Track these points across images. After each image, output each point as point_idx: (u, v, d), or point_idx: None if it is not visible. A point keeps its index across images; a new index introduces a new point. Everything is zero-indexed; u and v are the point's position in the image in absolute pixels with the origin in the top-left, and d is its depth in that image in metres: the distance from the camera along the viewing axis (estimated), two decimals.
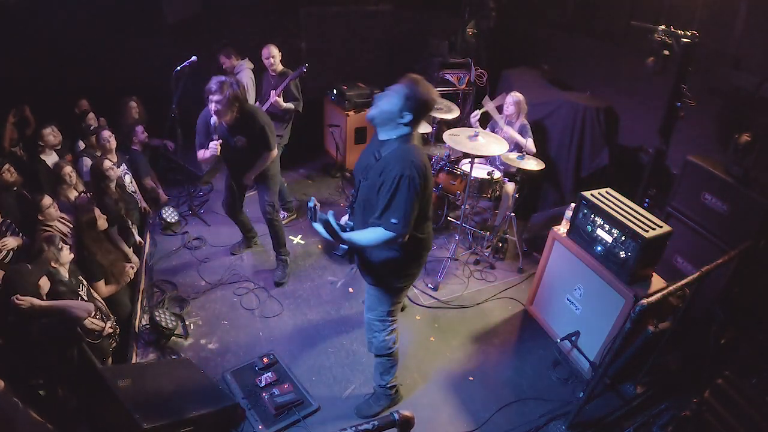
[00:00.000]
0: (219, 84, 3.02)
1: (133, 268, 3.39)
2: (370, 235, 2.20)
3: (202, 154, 3.31)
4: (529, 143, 4.14)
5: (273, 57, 4.29)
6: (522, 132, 4.27)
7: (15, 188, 3.36)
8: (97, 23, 4.72)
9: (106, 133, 4.02)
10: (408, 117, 2.12)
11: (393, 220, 2.11)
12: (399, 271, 2.44)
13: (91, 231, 3.09)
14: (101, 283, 3.11)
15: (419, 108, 2.12)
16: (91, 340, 2.68)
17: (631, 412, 2.92)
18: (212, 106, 3.07)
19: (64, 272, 2.72)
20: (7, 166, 3.29)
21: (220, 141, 3.23)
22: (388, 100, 2.13)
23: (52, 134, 3.95)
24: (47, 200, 3.12)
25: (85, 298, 2.77)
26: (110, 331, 2.84)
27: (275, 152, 3.51)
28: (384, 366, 2.76)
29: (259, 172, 3.53)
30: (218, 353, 3.23)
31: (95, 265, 3.08)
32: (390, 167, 2.10)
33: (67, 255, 2.74)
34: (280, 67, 4.35)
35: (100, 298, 2.97)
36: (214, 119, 3.17)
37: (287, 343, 3.34)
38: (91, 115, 4.58)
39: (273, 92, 4.19)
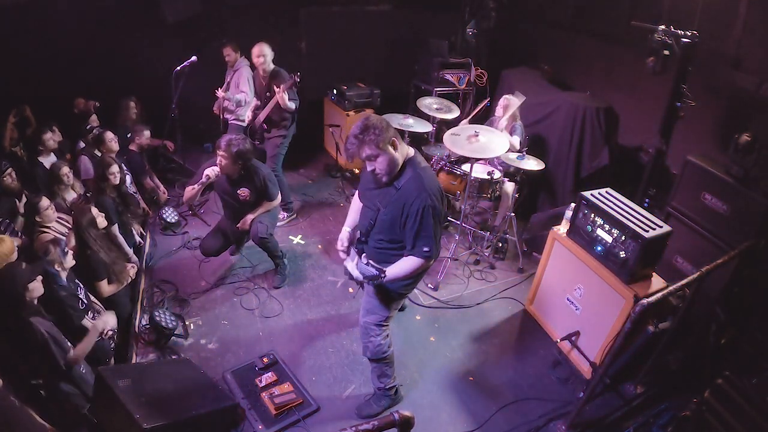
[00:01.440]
0: (227, 141, 3.26)
1: (134, 268, 3.40)
2: (407, 266, 2.33)
3: (191, 188, 3.43)
4: (513, 140, 4.13)
5: (264, 56, 4.10)
6: (512, 131, 4.27)
7: (14, 194, 3.35)
8: (97, 23, 4.73)
9: (110, 135, 4.02)
10: (396, 142, 2.18)
11: (425, 249, 2.25)
12: (406, 278, 2.49)
13: (92, 230, 3.09)
14: (104, 282, 3.11)
15: (387, 127, 2.16)
16: None
17: (631, 412, 2.92)
18: (219, 160, 3.29)
19: (64, 275, 2.72)
20: (9, 170, 3.28)
21: (224, 193, 3.49)
22: (380, 161, 2.16)
23: (52, 139, 3.96)
24: (45, 202, 3.12)
25: (85, 300, 2.77)
26: (110, 333, 2.84)
27: (277, 201, 3.73)
28: (381, 370, 2.77)
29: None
30: (218, 353, 3.23)
31: (99, 263, 3.08)
32: (410, 201, 2.19)
33: (70, 260, 2.76)
34: (271, 67, 4.20)
35: (97, 301, 2.97)
36: (216, 170, 3.34)
37: (287, 343, 3.34)
38: (94, 117, 4.59)
39: (278, 90, 4.05)
